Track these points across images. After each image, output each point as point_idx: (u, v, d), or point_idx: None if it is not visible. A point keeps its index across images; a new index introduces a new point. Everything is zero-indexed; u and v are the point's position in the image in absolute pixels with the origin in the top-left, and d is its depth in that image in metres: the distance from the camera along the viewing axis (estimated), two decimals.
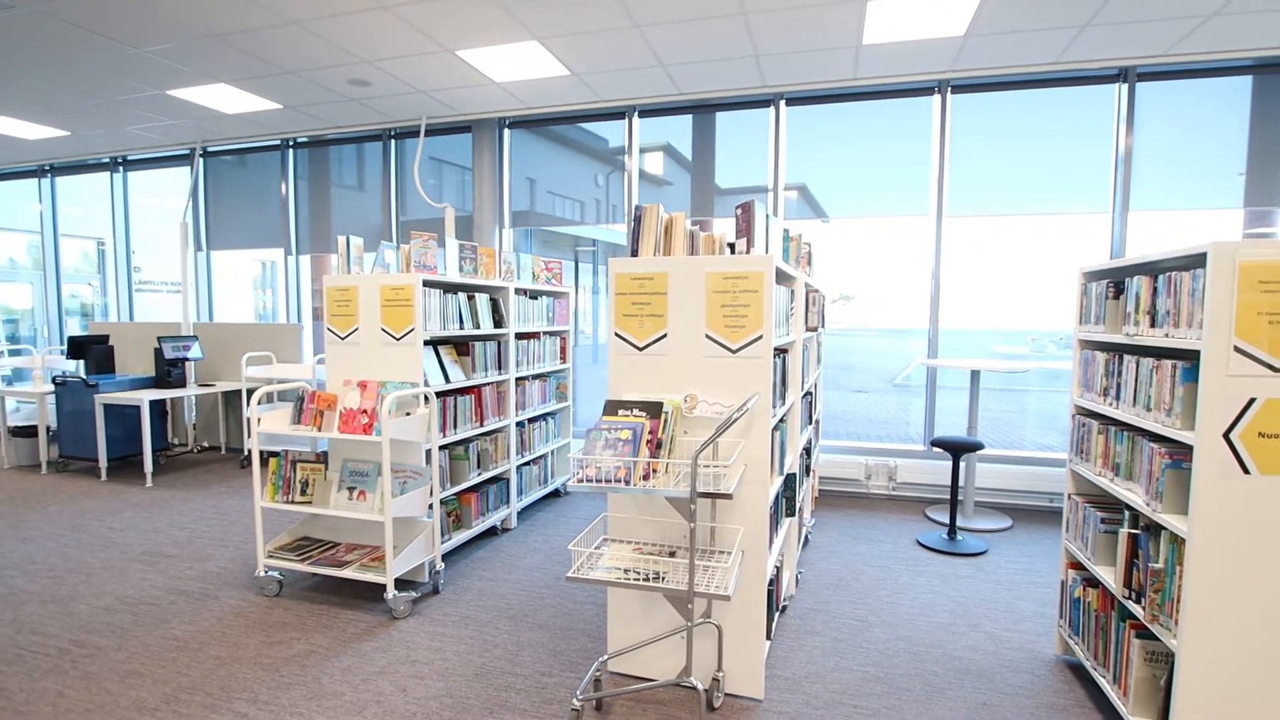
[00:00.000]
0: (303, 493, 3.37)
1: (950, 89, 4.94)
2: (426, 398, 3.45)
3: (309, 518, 3.65)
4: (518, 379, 4.48)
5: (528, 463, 4.70)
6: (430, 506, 3.40)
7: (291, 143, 6.72)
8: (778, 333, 2.61)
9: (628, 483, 2.21)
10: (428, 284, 3.52)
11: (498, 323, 4.24)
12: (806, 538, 4.21)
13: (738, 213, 2.61)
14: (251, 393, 6.22)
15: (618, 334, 2.59)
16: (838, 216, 5.37)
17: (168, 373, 5.79)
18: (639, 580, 2.23)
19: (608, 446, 2.29)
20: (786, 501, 3.14)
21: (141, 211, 7.81)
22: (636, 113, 5.64)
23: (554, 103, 5.56)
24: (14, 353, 8.68)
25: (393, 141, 6.38)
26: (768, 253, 2.69)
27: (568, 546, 3.54)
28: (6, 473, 5.76)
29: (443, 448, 3.75)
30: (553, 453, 5.13)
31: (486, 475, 4.12)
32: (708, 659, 2.55)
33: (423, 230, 3.76)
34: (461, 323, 3.85)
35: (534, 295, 4.71)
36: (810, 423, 4.03)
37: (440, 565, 3.44)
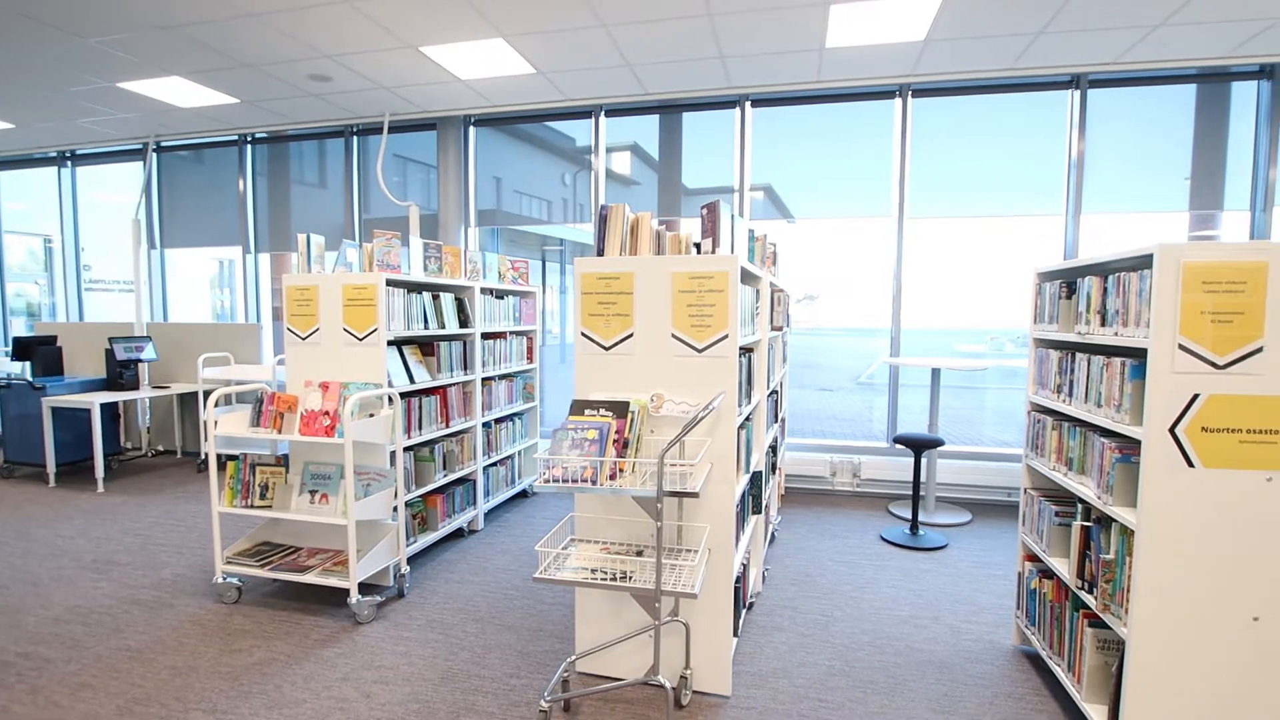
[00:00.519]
0: (262, 497, 3.29)
1: (911, 93, 5.04)
2: (390, 399, 3.40)
3: (269, 522, 3.57)
4: (484, 379, 4.44)
5: (494, 464, 4.67)
6: (395, 509, 3.35)
7: (250, 138, 6.56)
8: (743, 332, 2.63)
9: (594, 482, 2.20)
10: (391, 283, 3.47)
11: (463, 322, 4.20)
12: (773, 535, 4.26)
13: (703, 213, 2.63)
14: (208, 394, 6.07)
15: (584, 334, 2.59)
16: (803, 217, 5.44)
17: (120, 374, 5.61)
18: (606, 580, 2.23)
19: (574, 446, 2.28)
20: (753, 499, 3.17)
21: (91, 208, 7.55)
22: (603, 112, 5.63)
23: (520, 101, 5.52)
24: None
25: (355, 138, 6.27)
26: (733, 253, 2.71)
27: (535, 547, 3.52)
28: None
29: (408, 449, 3.70)
30: (520, 453, 5.10)
31: (453, 477, 4.08)
32: (675, 657, 2.57)
33: (386, 229, 3.71)
34: (426, 323, 3.80)
35: (500, 295, 4.67)
36: (776, 421, 4.08)
37: (406, 568, 3.40)
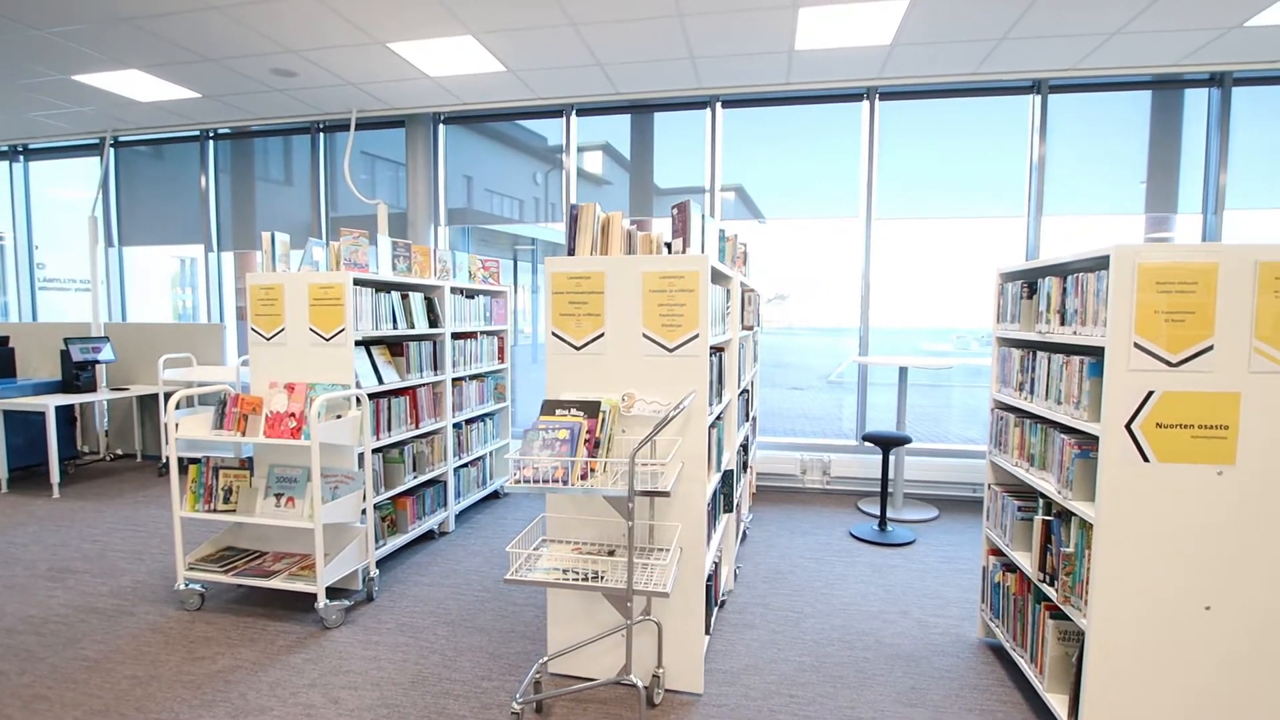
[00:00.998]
0: (226, 501, 3.22)
1: (878, 96, 5.11)
2: (358, 400, 3.35)
3: (233, 527, 3.50)
4: (454, 379, 4.40)
5: (465, 464, 4.63)
6: (363, 511, 3.30)
7: (212, 134, 6.40)
8: (714, 331, 2.65)
9: (566, 483, 2.20)
10: (359, 282, 3.42)
11: (433, 322, 4.15)
12: (745, 533, 4.29)
13: (674, 213, 2.64)
14: (169, 396, 5.91)
15: (555, 333, 2.58)
16: (774, 218, 5.49)
17: (76, 376, 5.44)
18: (578, 580, 2.22)
19: (545, 446, 2.28)
20: (724, 498, 3.19)
21: (45, 204, 7.30)
22: (574, 111, 5.61)
23: (490, 99, 5.48)
24: None
25: (322, 135, 6.16)
26: (704, 252, 2.72)
27: (506, 549, 3.51)
28: None
29: (376, 451, 3.65)
30: (491, 454, 5.06)
31: (423, 478, 4.03)
32: (648, 656, 2.57)
33: (354, 227, 3.65)
34: (395, 322, 3.75)
35: (471, 294, 4.63)
36: (747, 420, 4.11)
37: (375, 572, 3.35)
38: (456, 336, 4.43)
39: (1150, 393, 1.93)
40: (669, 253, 2.69)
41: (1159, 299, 1.91)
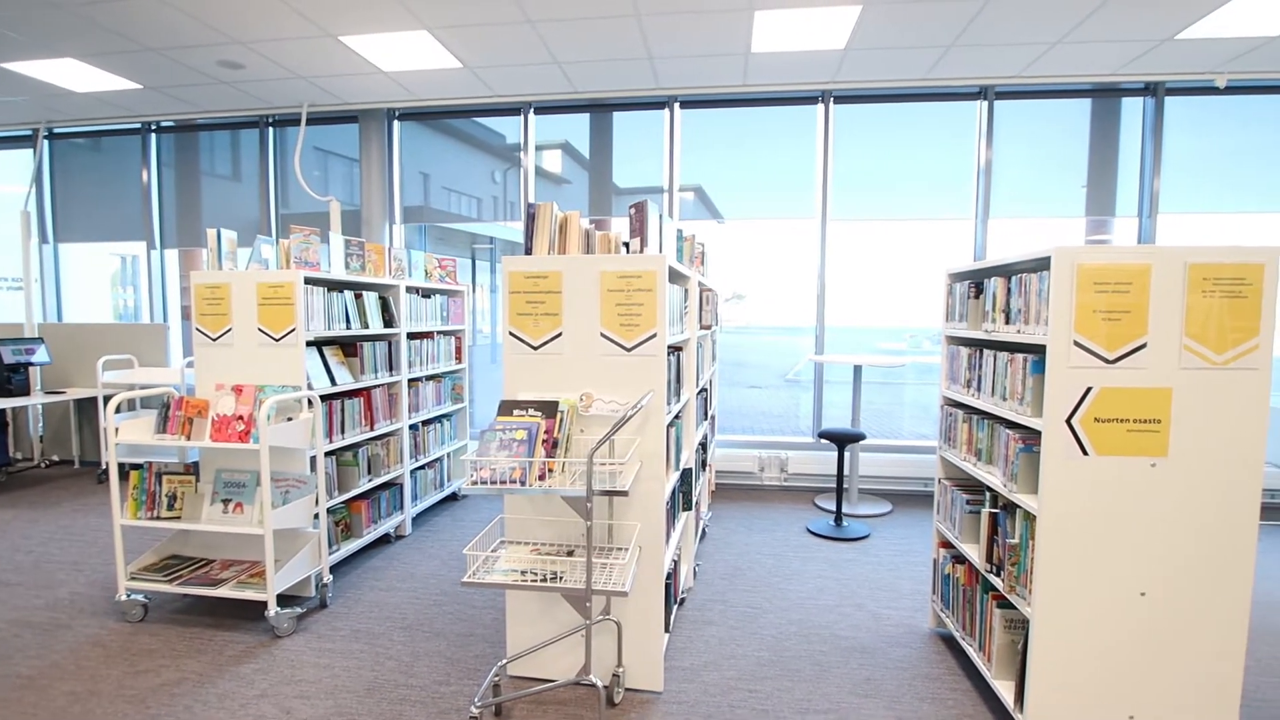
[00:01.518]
0: (170, 507, 3.11)
1: (833, 99, 5.20)
2: (310, 401, 3.27)
3: (178, 534, 3.38)
4: (410, 380, 4.32)
5: (422, 466, 4.55)
6: (316, 516, 3.23)
7: (154, 126, 6.17)
8: (672, 331, 2.66)
9: (523, 483, 2.19)
10: (310, 281, 3.34)
11: (388, 322, 4.08)
12: (704, 530, 4.32)
13: (631, 212, 2.64)
14: (109, 399, 5.68)
15: (512, 333, 2.56)
16: (732, 218, 5.54)
17: (8, 379, 5.19)
18: (537, 581, 2.21)
19: (503, 447, 2.26)
20: (683, 496, 3.21)
21: None
22: (532, 109, 5.58)
23: (446, 95, 5.41)
24: None
25: (271, 129, 5.99)
26: (661, 252, 2.74)
27: (463, 551, 3.46)
28: None
29: (329, 454, 3.57)
30: (449, 455, 5.00)
31: (378, 481, 3.96)
32: (608, 655, 2.57)
33: (305, 225, 3.56)
34: (348, 322, 3.67)
35: (427, 294, 4.56)
36: (706, 418, 4.14)
37: (328, 577, 3.27)
38: (413, 336, 4.36)
39: (1089, 389, 2.01)
40: (627, 252, 2.70)
41: (1098, 298, 1.99)
